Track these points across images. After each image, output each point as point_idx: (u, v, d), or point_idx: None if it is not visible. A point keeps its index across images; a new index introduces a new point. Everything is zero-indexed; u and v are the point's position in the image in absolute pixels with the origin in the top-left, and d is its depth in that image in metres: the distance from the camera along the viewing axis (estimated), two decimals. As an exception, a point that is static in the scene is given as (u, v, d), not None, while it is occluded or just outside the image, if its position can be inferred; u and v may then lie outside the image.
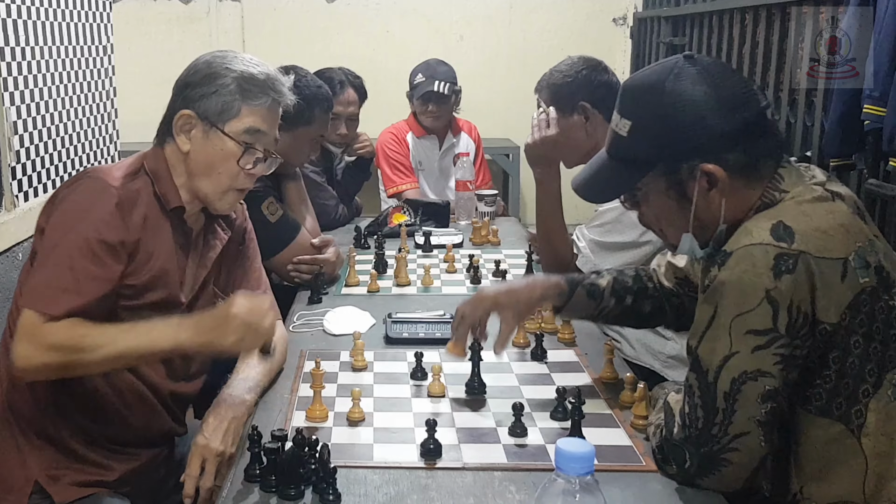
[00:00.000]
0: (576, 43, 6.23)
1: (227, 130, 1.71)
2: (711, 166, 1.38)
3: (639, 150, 1.44)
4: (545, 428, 1.57)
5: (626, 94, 1.48)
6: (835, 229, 1.35)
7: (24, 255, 2.55)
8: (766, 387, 1.31)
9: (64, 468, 1.66)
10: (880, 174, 2.68)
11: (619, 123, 1.46)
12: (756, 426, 1.32)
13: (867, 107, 2.51)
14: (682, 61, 1.42)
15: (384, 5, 6.07)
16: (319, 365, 1.63)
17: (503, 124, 6.05)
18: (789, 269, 1.30)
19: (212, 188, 1.74)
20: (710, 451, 1.34)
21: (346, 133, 3.33)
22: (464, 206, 3.36)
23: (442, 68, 3.69)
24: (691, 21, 4.65)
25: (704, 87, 1.39)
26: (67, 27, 2.90)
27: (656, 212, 1.50)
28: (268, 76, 1.75)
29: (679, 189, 1.43)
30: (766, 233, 1.33)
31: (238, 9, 6.02)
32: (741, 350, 1.32)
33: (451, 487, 1.37)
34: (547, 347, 1.92)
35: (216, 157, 1.71)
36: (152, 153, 1.77)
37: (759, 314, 1.30)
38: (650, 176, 1.44)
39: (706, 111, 1.38)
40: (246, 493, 1.37)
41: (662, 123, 1.40)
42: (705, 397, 1.34)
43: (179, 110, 1.72)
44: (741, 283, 1.31)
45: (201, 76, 1.72)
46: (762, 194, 1.42)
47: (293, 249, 2.49)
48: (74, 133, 2.97)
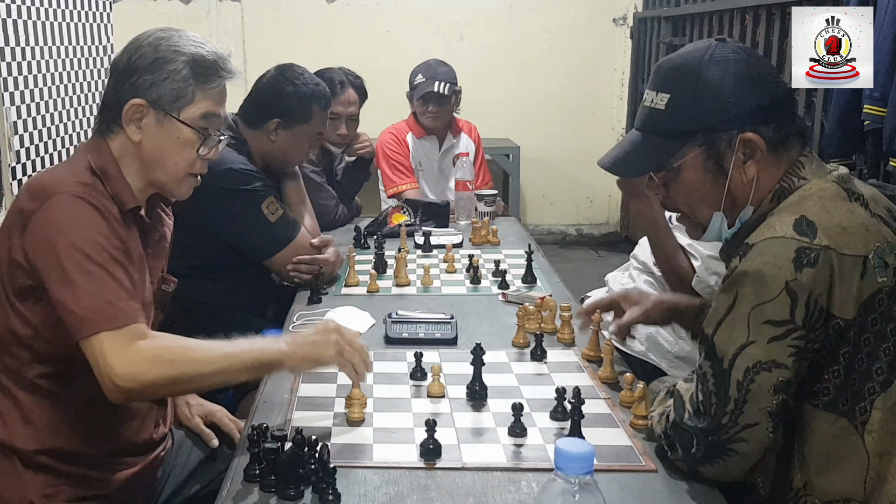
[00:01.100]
0: (576, 43, 6.25)
1: (183, 118, 1.63)
2: (752, 134, 1.42)
3: (678, 122, 1.47)
4: (545, 428, 1.57)
5: (662, 70, 1.52)
6: (855, 227, 1.37)
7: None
8: (779, 378, 1.33)
9: (60, 486, 1.61)
10: (880, 174, 2.68)
11: (654, 98, 1.50)
12: (766, 417, 1.34)
13: (867, 107, 2.52)
14: (715, 43, 1.48)
15: (384, 5, 6.08)
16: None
17: (503, 124, 6.06)
18: (811, 262, 1.32)
19: (168, 176, 1.67)
20: (717, 440, 1.36)
21: (346, 133, 3.34)
22: (463, 206, 3.36)
23: (442, 69, 3.69)
24: (691, 21, 4.66)
25: (739, 63, 1.45)
26: (67, 27, 2.90)
27: (688, 188, 1.51)
28: (217, 56, 1.67)
29: (717, 160, 1.46)
30: (789, 227, 1.35)
31: (238, 9, 6.02)
32: (758, 340, 1.33)
33: (450, 487, 1.37)
34: (547, 347, 1.92)
35: (172, 145, 1.64)
36: (94, 148, 1.66)
37: (778, 305, 1.32)
38: (688, 147, 1.47)
39: (743, 83, 1.43)
40: (246, 493, 1.36)
41: (702, 95, 1.44)
42: (719, 385, 1.36)
43: (128, 99, 1.62)
44: (761, 274, 1.33)
45: (149, 61, 1.62)
46: (782, 177, 1.45)
47: (293, 249, 2.48)
48: (74, 133, 2.98)
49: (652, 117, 1.51)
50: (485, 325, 2.12)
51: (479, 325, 2.12)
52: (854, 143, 2.67)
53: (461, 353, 1.94)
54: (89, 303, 1.47)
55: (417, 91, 3.66)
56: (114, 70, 1.66)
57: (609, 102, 6.35)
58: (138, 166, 1.65)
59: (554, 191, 6.49)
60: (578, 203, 6.57)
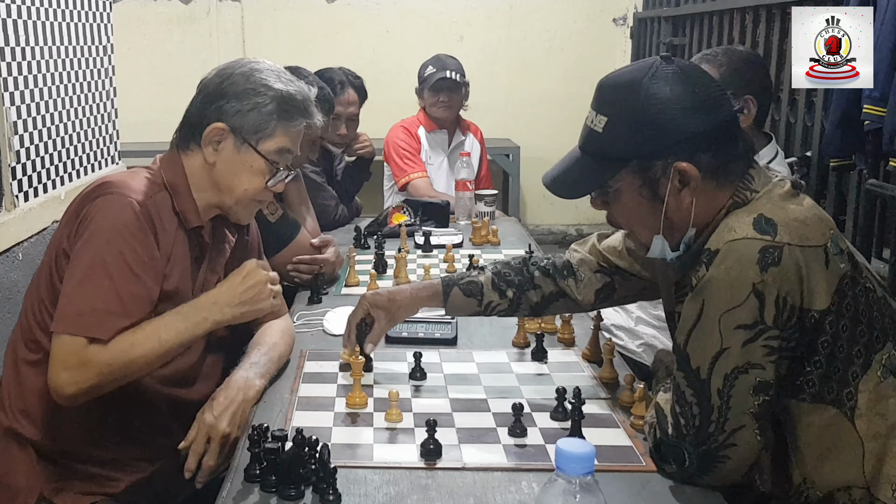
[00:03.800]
0: (576, 43, 6.25)
1: (260, 149, 1.70)
2: (685, 164, 1.39)
3: (614, 147, 1.45)
4: (545, 428, 1.57)
5: (603, 90, 1.48)
6: (811, 219, 1.39)
7: (23, 255, 2.55)
8: (757, 378, 1.33)
9: (70, 481, 1.65)
10: (880, 174, 2.68)
11: (594, 119, 1.47)
12: (751, 419, 1.34)
13: (867, 107, 2.52)
14: (660, 62, 1.44)
15: (384, 5, 6.08)
16: (357, 354, 1.69)
17: (503, 124, 6.06)
18: (775, 261, 1.31)
19: (235, 200, 1.74)
20: (708, 450, 1.35)
21: (345, 133, 3.34)
22: (463, 206, 3.37)
23: (451, 61, 3.79)
24: (691, 21, 4.65)
25: (681, 87, 1.40)
26: (67, 27, 2.90)
27: (627, 211, 1.50)
28: (304, 98, 1.75)
29: (652, 187, 1.43)
30: (749, 227, 1.35)
31: (238, 9, 6.02)
32: (731, 346, 1.33)
33: (451, 487, 1.37)
34: (547, 347, 1.92)
35: (244, 172, 1.71)
36: (170, 163, 1.73)
37: (747, 309, 1.32)
38: (623, 173, 1.45)
39: (682, 110, 1.39)
40: (246, 493, 1.36)
41: (639, 120, 1.41)
42: (699, 395, 1.36)
43: (212, 121, 1.69)
44: (728, 279, 1.33)
45: (239, 90, 1.69)
46: (733, 194, 1.44)
47: (293, 249, 2.48)
48: (74, 133, 2.97)
49: (591, 138, 1.48)
50: (485, 325, 2.12)
51: (479, 325, 2.12)
52: (854, 143, 2.67)
53: (461, 352, 1.94)
54: (79, 303, 1.55)
55: (428, 81, 3.70)
56: (202, 89, 1.73)
57: (609, 102, 6.34)
58: (207, 186, 1.72)
59: (554, 191, 6.48)
60: (578, 203, 6.49)
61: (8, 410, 1.69)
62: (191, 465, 1.57)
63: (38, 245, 2.63)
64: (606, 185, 1.48)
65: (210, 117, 1.69)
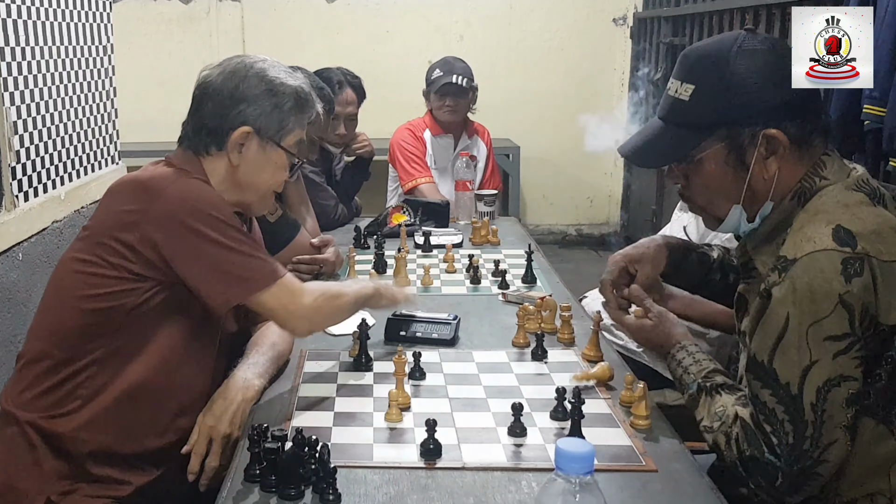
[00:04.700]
0: (576, 43, 6.25)
1: (285, 145, 1.76)
2: (774, 131, 1.41)
3: (701, 114, 1.45)
4: (545, 428, 1.57)
5: (688, 60, 1.49)
6: (886, 231, 1.36)
7: (23, 255, 2.55)
8: (849, 391, 1.31)
9: (78, 483, 1.63)
10: (880, 174, 2.68)
11: (679, 88, 1.48)
12: (843, 432, 1.32)
13: (867, 107, 2.52)
14: (745, 34, 1.46)
15: (384, 5, 6.08)
16: (402, 353, 1.67)
17: (503, 124, 6.05)
18: (857, 272, 1.30)
19: (257, 196, 1.80)
20: (803, 468, 1.32)
21: (344, 133, 3.33)
22: (463, 206, 3.36)
23: (459, 64, 3.75)
24: (691, 21, 4.66)
25: (769, 56, 1.43)
26: (67, 27, 2.90)
27: (708, 181, 1.49)
28: (311, 87, 1.83)
29: (738, 154, 1.44)
30: (829, 238, 1.33)
31: (238, 9, 6.02)
32: (822, 358, 1.31)
33: (451, 487, 1.37)
34: (547, 347, 1.92)
35: (269, 168, 1.77)
36: (188, 162, 1.73)
37: (835, 319, 1.30)
38: (709, 141, 1.45)
39: (770, 80, 1.42)
40: (246, 493, 1.37)
41: (727, 87, 1.42)
42: (791, 412, 1.32)
43: (236, 126, 1.70)
44: (811, 290, 1.31)
45: (258, 92, 1.72)
46: (804, 177, 1.44)
47: (293, 249, 2.48)
48: (74, 133, 2.97)
49: (675, 108, 1.49)
50: (485, 325, 2.12)
51: (479, 325, 2.12)
52: (854, 143, 2.67)
53: (461, 352, 1.94)
54: (240, 268, 1.62)
55: (434, 85, 3.68)
56: (215, 95, 1.72)
57: (609, 102, 6.34)
58: (229, 186, 1.75)
59: (554, 191, 6.49)
60: (578, 203, 6.56)
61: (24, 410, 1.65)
62: (193, 468, 1.57)
63: (38, 245, 2.63)
64: (690, 155, 1.48)
65: (233, 122, 1.71)
